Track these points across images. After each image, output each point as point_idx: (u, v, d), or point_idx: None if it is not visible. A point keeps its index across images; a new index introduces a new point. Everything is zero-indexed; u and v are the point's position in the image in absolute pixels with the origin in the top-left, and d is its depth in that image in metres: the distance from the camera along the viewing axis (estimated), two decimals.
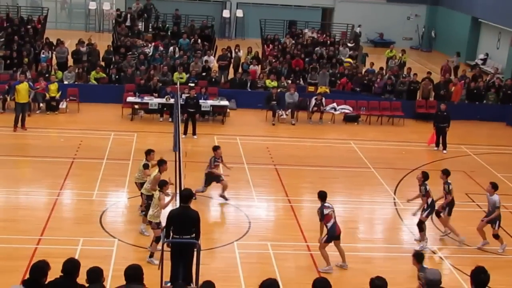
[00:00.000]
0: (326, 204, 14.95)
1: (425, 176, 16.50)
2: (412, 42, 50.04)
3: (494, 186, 16.46)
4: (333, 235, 14.80)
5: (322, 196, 15.07)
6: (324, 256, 14.82)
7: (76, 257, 11.27)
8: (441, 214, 16.97)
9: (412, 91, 30.35)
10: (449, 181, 16.78)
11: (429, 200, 16.36)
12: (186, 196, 12.85)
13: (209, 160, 18.46)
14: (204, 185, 18.45)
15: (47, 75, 28.44)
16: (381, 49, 43.02)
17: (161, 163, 16.03)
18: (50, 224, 16.37)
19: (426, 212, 16.38)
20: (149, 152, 17.01)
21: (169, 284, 12.26)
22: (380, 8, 48.88)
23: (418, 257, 12.43)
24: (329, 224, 14.78)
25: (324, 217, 14.82)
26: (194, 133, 24.60)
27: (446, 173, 16.93)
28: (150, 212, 14.70)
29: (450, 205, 16.86)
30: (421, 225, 16.40)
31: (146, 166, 16.72)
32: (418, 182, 16.55)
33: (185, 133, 24.18)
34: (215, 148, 18.80)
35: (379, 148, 24.84)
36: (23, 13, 39.70)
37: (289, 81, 30.23)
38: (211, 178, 18.52)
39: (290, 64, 32.27)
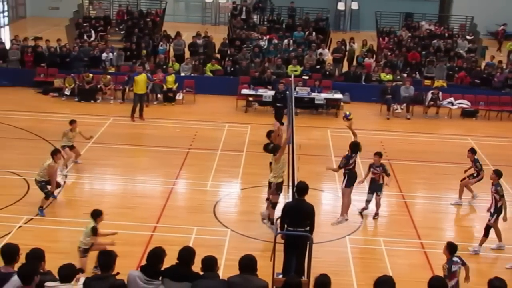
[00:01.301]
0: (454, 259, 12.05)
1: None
2: None
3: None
4: None
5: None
6: None
7: (190, 245, 11.49)
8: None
9: None
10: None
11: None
12: (302, 188, 12.81)
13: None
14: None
15: (164, 67, 29.14)
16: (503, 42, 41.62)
17: None
18: (166, 212, 16.78)
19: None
20: None
21: (280, 276, 12.29)
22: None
23: (451, 247, 11.86)
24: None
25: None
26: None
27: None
28: None
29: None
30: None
31: None
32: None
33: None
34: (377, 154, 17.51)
35: (498, 145, 24.02)
36: (143, 6, 40.81)
37: (405, 75, 29.77)
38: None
39: (406, 57, 31.75)
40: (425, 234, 16.21)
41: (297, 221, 12.59)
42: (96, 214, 13.36)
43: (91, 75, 27.55)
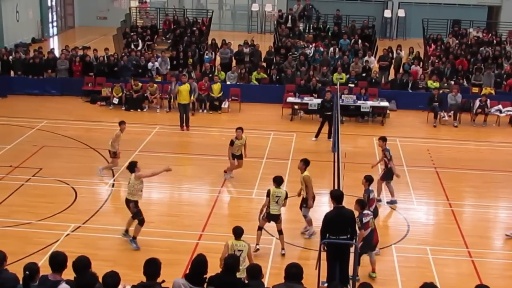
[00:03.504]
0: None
1: None
2: None
3: None
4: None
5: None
6: None
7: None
8: None
9: None
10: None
11: None
12: (339, 196, 12.80)
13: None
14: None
15: (210, 75, 29.30)
16: None
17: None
18: (211, 220, 16.87)
19: None
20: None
21: (325, 285, 12.27)
22: None
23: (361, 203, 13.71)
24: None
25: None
26: (329, 137, 23.52)
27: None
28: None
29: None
30: None
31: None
32: None
33: (316, 135, 23.90)
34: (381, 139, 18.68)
35: None
36: (189, 15, 41.18)
37: (452, 82, 29.46)
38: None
39: (454, 65, 31.40)
40: (473, 242, 16.00)
41: (339, 229, 12.55)
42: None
43: (140, 84, 27.86)
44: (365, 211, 13.79)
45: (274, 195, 14.82)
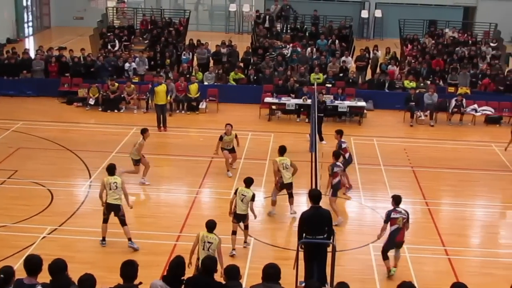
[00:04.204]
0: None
1: None
2: None
3: None
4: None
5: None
6: None
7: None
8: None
9: None
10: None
11: None
12: (316, 196, 12.83)
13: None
14: None
15: (188, 76, 29.24)
16: None
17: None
18: (189, 221, 16.83)
19: None
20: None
21: (303, 284, 12.29)
22: None
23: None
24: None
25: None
26: (321, 139, 23.49)
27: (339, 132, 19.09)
28: None
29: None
30: None
31: None
32: None
33: (320, 139, 23.83)
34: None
35: None
36: (166, 15, 41.05)
37: (428, 82, 29.65)
38: None
39: (430, 65, 31.59)
40: (450, 241, 16.13)
41: (316, 228, 12.57)
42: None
43: (117, 84, 27.73)
44: (398, 208, 14.24)
45: (240, 193, 15.17)
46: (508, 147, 21.84)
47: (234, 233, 15.09)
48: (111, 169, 15.35)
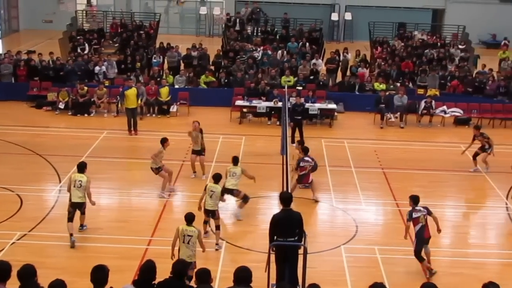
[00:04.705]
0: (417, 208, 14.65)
1: None
2: None
3: None
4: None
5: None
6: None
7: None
8: None
9: None
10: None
11: None
12: (287, 198, 12.82)
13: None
14: None
15: (158, 79, 29.15)
16: (494, 51, 41.75)
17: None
18: (161, 225, 16.77)
19: None
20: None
21: (275, 287, 12.29)
22: (492, 8, 47.48)
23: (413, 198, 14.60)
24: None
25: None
26: (298, 142, 23.30)
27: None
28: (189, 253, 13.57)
29: None
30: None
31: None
32: None
33: (292, 141, 23.50)
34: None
35: None
36: (137, 18, 40.87)
37: (398, 84, 29.87)
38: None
39: (399, 67, 31.84)
40: None
41: (287, 231, 12.57)
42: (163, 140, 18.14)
43: (86, 88, 27.55)
44: (417, 207, 14.48)
45: (209, 189, 15.68)
46: (465, 151, 21.95)
47: (205, 222, 15.85)
48: (80, 167, 15.77)
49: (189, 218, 13.17)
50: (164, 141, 19.00)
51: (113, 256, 14.64)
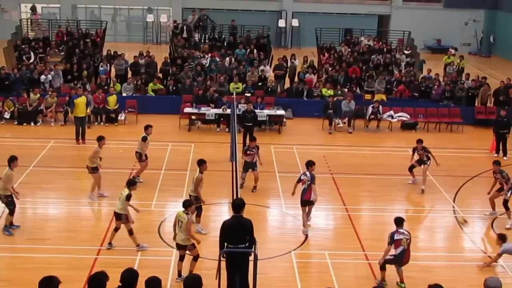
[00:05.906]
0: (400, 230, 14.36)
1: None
2: (471, 48, 49.40)
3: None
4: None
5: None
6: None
7: (135, 267, 11.38)
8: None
9: (470, 97, 29.96)
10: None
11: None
12: (239, 205, 12.82)
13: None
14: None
15: (106, 87, 28.90)
16: (439, 56, 42.50)
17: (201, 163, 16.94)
18: (109, 234, 16.58)
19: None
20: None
21: None
22: (437, 14, 48.50)
23: (502, 237, 15.19)
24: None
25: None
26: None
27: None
28: (183, 237, 14.09)
29: None
30: (506, 205, 18.01)
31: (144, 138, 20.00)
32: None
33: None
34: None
35: (437, 156, 24.30)
36: (83, 26, 40.40)
37: (346, 90, 30.14)
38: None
39: (347, 72, 32.14)
40: (370, 245, 16.38)
41: (237, 237, 12.58)
42: (131, 183, 15.90)
43: (38, 94, 27.26)
44: (401, 229, 14.29)
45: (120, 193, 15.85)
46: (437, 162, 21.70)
47: (116, 229, 15.83)
48: (9, 160, 16.59)
49: (184, 203, 14.10)
50: (100, 139, 19.32)
51: (62, 266, 14.43)
